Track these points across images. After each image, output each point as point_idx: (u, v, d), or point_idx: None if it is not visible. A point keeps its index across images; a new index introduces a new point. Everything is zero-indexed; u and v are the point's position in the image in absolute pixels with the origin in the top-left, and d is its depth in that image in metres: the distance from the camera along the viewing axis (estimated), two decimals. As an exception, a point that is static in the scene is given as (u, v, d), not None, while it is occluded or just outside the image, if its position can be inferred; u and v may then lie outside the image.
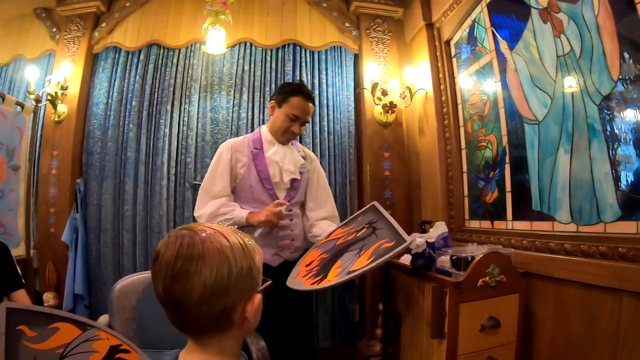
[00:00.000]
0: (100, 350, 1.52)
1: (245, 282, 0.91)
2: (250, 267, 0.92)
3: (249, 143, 2.59)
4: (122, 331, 2.33)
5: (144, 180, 3.44)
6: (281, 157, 2.54)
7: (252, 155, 2.55)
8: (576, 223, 1.96)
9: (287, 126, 2.53)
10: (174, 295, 0.85)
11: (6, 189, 2.80)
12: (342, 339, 3.46)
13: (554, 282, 2.03)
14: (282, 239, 2.53)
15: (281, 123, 2.54)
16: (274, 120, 2.59)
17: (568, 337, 1.95)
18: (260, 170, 2.52)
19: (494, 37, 2.61)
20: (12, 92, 3.73)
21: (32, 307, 1.61)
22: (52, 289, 3.28)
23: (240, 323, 0.91)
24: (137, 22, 3.67)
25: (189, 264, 0.84)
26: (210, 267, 0.85)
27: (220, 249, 0.88)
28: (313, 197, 2.70)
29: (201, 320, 0.87)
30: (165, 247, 0.88)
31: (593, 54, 1.84)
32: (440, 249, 2.40)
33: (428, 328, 2.17)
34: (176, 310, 0.87)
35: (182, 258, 0.85)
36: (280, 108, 2.55)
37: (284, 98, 2.54)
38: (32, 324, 1.45)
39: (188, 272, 0.84)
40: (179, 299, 0.85)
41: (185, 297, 0.84)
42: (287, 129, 2.54)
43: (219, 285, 0.85)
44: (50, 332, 1.47)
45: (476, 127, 2.82)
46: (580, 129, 1.93)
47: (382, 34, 3.69)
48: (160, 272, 0.86)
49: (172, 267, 0.85)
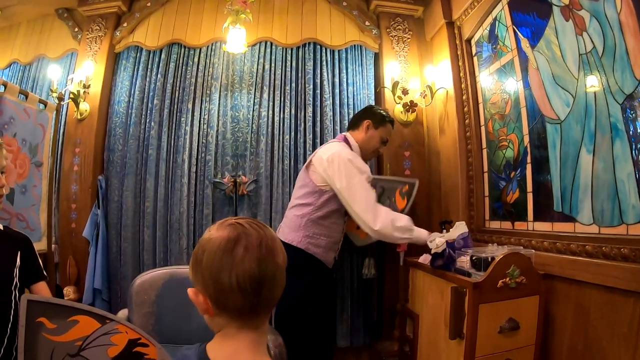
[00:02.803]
0: (119, 344, 1.53)
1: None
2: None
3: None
4: (140, 325, 2.33)
5: (165, 178, 3.47)
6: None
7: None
8: (598, 224, 1.92)
9: (379, 147, 2.82)
10: (267, 270, 0.93)
11: (29, 184, 2.84)
12: (360, 339, 3.45)
13: (575, 284, 1.99)
14: (339, 243, 2.75)
15: (375, 143, 2.78)
16: (368, 138, 2.77)
17: (587, 341, 1.92)
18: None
19: (515, 35, 2.58)
20: (35, 90, 3.79)
21: (53, 299, 1.63)
22: (73, 283, 3.32)
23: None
24: (158, 22, 3.72)
25: (272, 243, 0.96)
26: (281, 249, 0.99)
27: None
28: None
29: (276, 297, 0.97)
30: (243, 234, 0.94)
31: (616, 52, 1.81)
32: (460, 249, 2.38)
33: (446, 329, 2.15)
34: (262, 286, 0.92)
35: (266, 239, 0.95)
36: (376, 130, 2.77)
37: (382, 122, 2.78)
38: (52, 316, 1.47)
39: (274, 249, 0.96)
40: (270, 273, 0.93)
41: (277, 271, 0.95)
42: (377, 149, 2.84)
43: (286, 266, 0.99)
44: (69, 324, 1.49)
45: (497, 126, 2.79)
46: (602, 129, 1.89)
47: (403, 33, 3.68)
48: (252, 251, 0.92)
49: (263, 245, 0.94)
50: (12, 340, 1.65)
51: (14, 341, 1.64)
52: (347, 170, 2.50)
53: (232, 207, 3.40)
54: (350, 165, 2.51)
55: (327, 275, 2.71)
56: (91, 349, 1.48)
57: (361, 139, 2.75)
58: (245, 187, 3.35)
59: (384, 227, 2.48)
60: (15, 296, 1.72)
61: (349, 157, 2.55)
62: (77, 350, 1.47)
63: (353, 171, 2.51)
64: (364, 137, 2.75)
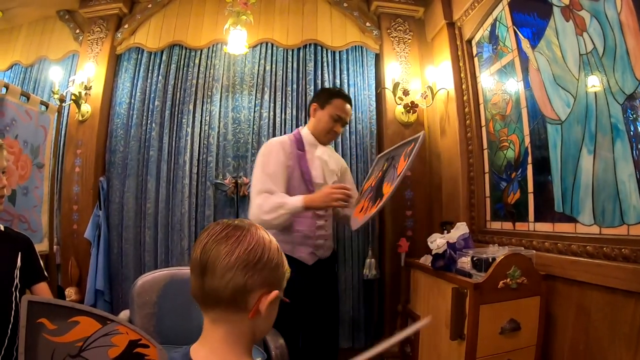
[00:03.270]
0: (120, 345, 1.54)
1: (270, 274, 0.96)
2: (279, 264, 0.99)
3: (293, 144, 2.59)
4: (141, 326, 2.35)
5: (166, 179, 3.48)
6: (328, 156, 2.62)
7: (297, 156, 2.55)
8: (599, 225, 1.92)
9: (331, 127, 2.60)
10: (208, 256, 0.92)
11: (31, 186, 2.85)
12: (362, 340, 3.45)
13: (576, 285, 1.99)
14: (318, 239, 2.53)
15: (325, 124, 2.60)
16: (316, 121, 2.64)
17: (589, 342, 1.91)
18: (304, 171, 2.53)
19: (515, 36, 2.58)
20: (37, 92, 3.80)
21: (53, 300, 1.63)
22: (74, 284, 3.33)
23: (252, 312, 0.94)
24: (159, 23, 3.72)
25: (233, 232, 0.94)
26: (248, 242, 0.94)
27: (262, 237, 0.97)
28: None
29: (221, 288, 0.91)
30: (216, 224, 0.98)
31: (616, 52, 1.81)
32: (460, 250, 2.39)
33: (447, 329, 2.16)
34: (203, 272, 0.92)
35: (230, 228, 0.95)
36: (323, 110, 2.61)
37: (327, 100, 2.61)
38: (53, 317, 1.48)
39: (229, 236, 0.93)
40: (211, 261, 0.91)
41: (216, 260, 0.91)
42: (331, 129, 2.61)
43: (249, 261, 0.92)
44: (70, 325, 1.50)
45: (498, 127, 2.79)
46: (603, 129, 1.89)
47: (403, 34, 3.68)
48: (204, 238, 0.95)
49: (217, 233, 0.95)
50: (12, 341, 1.66)
51: (15, 342, 1.64)
52: (256, 163, 2.53)
53: (234, 208, 3.40)
54: (259, 160, 2.52)
55: (307, 274, 2.46)
56: (92, 350, 1.49)
57: (312, 125, 2.66)
58: (246, 188, 3.34)
59: (253, 216, 2.35)
60: (16, 297, 1.72)
61: (266, 150, 2.54)
62: (77, 351, 1.47)
63: (258, 164, 2.51)
64: (313, 122, 2.66)
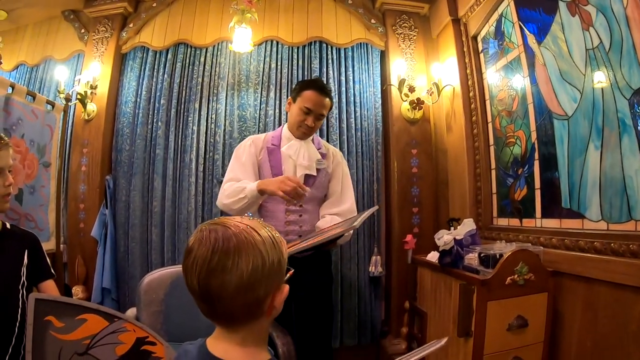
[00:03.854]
0: (127, 342, 1.55)
1: (276, 274, 0.94)
2: (280, 259, 0.95)
3: (269, 139, 2.58)
4: (149, 324, 2.35)
5: (173, 177, 3.49)
6: (295, 151, 2.50)
7: (267, 150, 2.53)
8: (606, 221, 1.92)
9: (301, 119, 2.48)
10: (210, 288, 0.88)
11: (37, 185, 2.86)
12: (367, 337, 3.45)
13: (584, 281, 1.98)
14: (288, 234, 2.45)
15: (295, 117, 2.50)
16: (289, 115, 2.57)
17: (596, 338, 1.91)
18: (273, 165, 2.50)
19: (521, 32, 2.57)
20: (43, 91, 3.81)
21: (61, 298, 1.64)
22: (81, 283, 3.35)
23: (269, 312, 0.95)
24: (164, 22, 3.72)
25: (225, 259, 0.87)
26: (245, 261, 0.88)
27: (254, 243, 0.90)
28: (330, 193, 2.62)
29: (235, 310, 0.90)
30: (198, 242, 0.90)
31: (623, 46, 1.80)
32: (467, 246, 2.38)
33: (454, 326, 2.15)
34: (210, 302, 0.90)
35: (219, 253, 0.88)
36: (294, 103, 2.52)
37: (298, 92, 2.51)
38: (60, 315, 1.49)
39: (225, 266, 0.87)
40: (215, 292, 0.88)
41: (222, 291, 0.87)
42: (302, 122, 2.48)
43: (254, 278, 0.88)
44: (77, 323, 1.50)
45: (504, 123, 2.78)
46: (610, 124, 1.89)
47: (409, 30, 3.67)
48: (196, 266, 0.89)
49: (208, 261, 0.87)
50: (20, 339, 1.66)
51: (22, 340, 1.64)
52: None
53: (240, 205, 3.39)
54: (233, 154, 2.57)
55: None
56: (99, 348, 1.49)
57: (288, 119, 2.60)
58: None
59: (218, 201, 2.46)
60: (23, 295, 1.73)
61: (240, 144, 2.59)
62: (85, 349, 1.48)
63: (232, 157, 2.56)
64: (289, 116, 2.59)
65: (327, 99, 2.52)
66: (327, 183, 2.61)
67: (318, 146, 2.62)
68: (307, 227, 2.51)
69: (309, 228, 2.52)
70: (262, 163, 2.52)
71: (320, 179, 2.56)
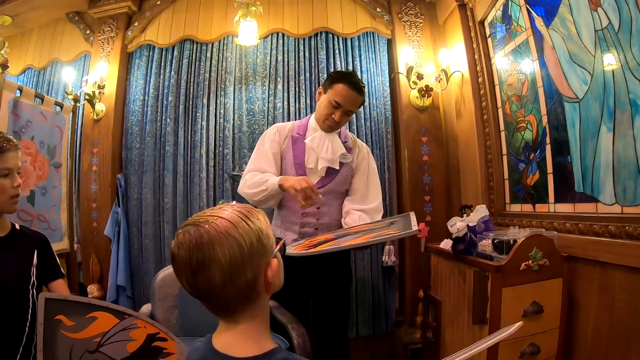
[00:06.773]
0: (138, 339, 1.56)
1: (258, 253, 0.94)
2: (258, 237, 0.95)
3: (294, 128, 2.53)
4: (164, 319, 2.39)
5: (183, 173, 3.51)
6: (318, 144, 2.41)
7: (292, 139, 2.48)
8: (620, 204, 1.88)
9: (329, 113, 2.37)
10: (199, 287, 0.91)
11: (49, 185, 2.88)
12: (382, 327, 3.46)
13: (598, 265, 1.95)
14: (304, 226, 2.42)
15: (323, 109, 2.39)
16: (318, 106, 2.46)
17: (612, 323, 1.87)
18: (296, 155, 2.45)
19: (529, 15, 2.52)
20: (50, 94, 3.83)
21: (70, 297, 1.64)
22: (96, 281, 3.39)
23: (266, 289, 0.97)
24: (169, 19, 3.74)
25: (202, 256, 0.88)
26: (221, 252, 0.89)
27: (225, 232, 0.91)
28: (353, 189, 2.54)
29: (230, 300, 0.93)
30: (178, 247, 0.92)
31: (632, 26, 1.76)
32: (481, 233, 2.36)
33: (469, 314, 2.14)
34: (205, 298, 0.94)
35: (195, 251, 0.88)
36: (325, 93, 2.41)
37: (330, 84, 2.38)
38: (70, 314, 1.50)
39: (204, 263, 0.88)
40: (204, 289, 0.91)
41: (210, 286, 0.90)
42: (328, 115, 2.37)
43: (235, 265, 0.89)
44: (88, 321, 1.51)
45: (515, 108, 2.75)
46: (622, 106, 1.84)
47: (415, 17, 3.63)
48: (181, 271, 0.91)
49: (189, 262, 0.89)
50: (30, 339, 1.67)
51: (33, 339, 1.66)
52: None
53: (252, 199, 3.41)
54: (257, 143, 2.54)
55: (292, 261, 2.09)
56: (110, 345, 1.50)
57: (316, 110, 2.50)
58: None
59: (239, 190, 2.41)
60: (33, 295, 1.73)
61: (264, 133, 2.54)
62: (96, 347, 1.49)
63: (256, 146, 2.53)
64: (317, 107, 2.48)
65: (359, 95, 2.40)
66: (350, 178, 2.54)
67: (344, 139, 2.54)
68: (324, 221, 2.46)
69: (327, 221, 2.46)
70: (285, 152, 2.48)
71: (343, 174, 2.49)
